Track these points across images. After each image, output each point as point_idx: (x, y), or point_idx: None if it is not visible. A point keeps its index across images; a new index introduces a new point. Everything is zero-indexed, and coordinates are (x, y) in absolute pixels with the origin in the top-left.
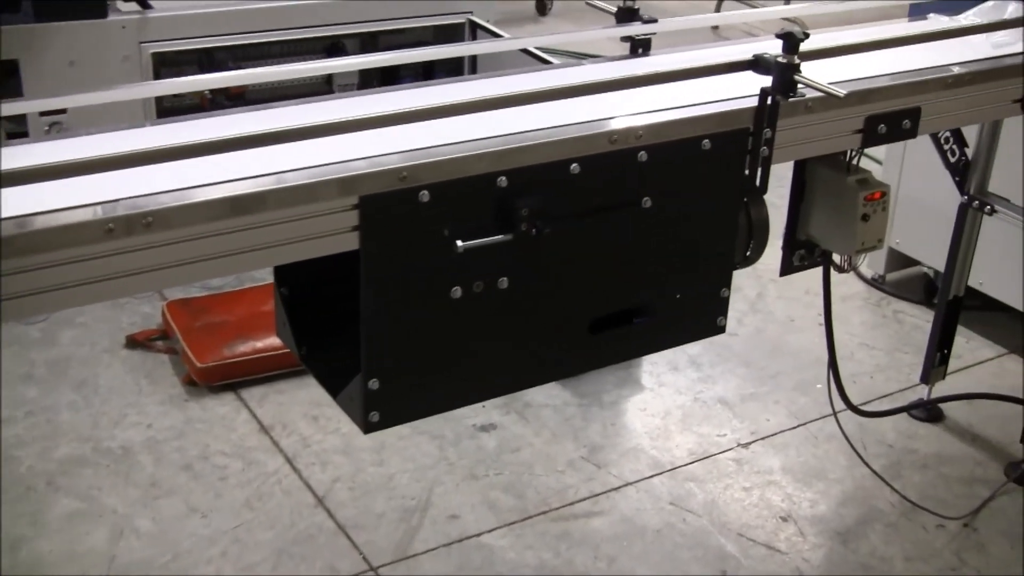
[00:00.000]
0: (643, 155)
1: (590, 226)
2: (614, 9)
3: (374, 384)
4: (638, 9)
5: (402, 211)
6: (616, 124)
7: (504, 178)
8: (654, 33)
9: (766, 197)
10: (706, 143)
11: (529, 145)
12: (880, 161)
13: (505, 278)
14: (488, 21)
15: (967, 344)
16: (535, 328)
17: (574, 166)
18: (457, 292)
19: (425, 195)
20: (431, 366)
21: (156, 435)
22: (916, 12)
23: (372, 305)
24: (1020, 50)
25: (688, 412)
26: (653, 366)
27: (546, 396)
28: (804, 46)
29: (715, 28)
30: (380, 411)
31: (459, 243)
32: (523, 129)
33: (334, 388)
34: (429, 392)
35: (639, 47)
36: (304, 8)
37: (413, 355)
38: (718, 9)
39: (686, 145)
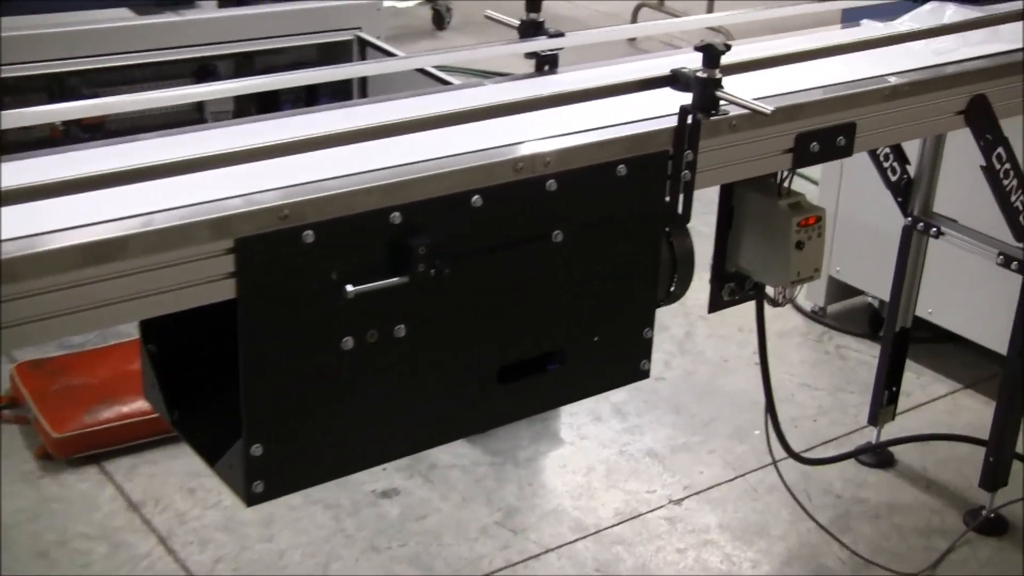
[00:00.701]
0: (552, 184)
1: (495, 264)
2: (516, 23)
3: (257, 450)
4: (543, 22)
5: (284, 254)
6: (521, 150)
7: (398, 214)
8: (561, 48)
9: (691, 226)
10: (621, 168)
11: (425, 176)
12: (816, 182)
13: (402, 325)
14: (379, 38)
15: (917, 380)
16: (438, 380)
17: (476, 198)
18: (348, 343)
19: (309, 235)
20: (322, 427)
21: (5, 519)
22: (849, 18)
23: (252, 361)
24: (962, 57)
25: (613, 467)
26: (573, 417)
27: (453, 456)
28: (727, 58)
29: (631, 40)
30: (265, 480)
31: (349, 288)
32: (418, 158)
33: (212, 456)
34: (321, 456)
35: (545, 64)
36: (170, 27)
37: (301, 415)
38: (635, 19)
39: (599, 171)
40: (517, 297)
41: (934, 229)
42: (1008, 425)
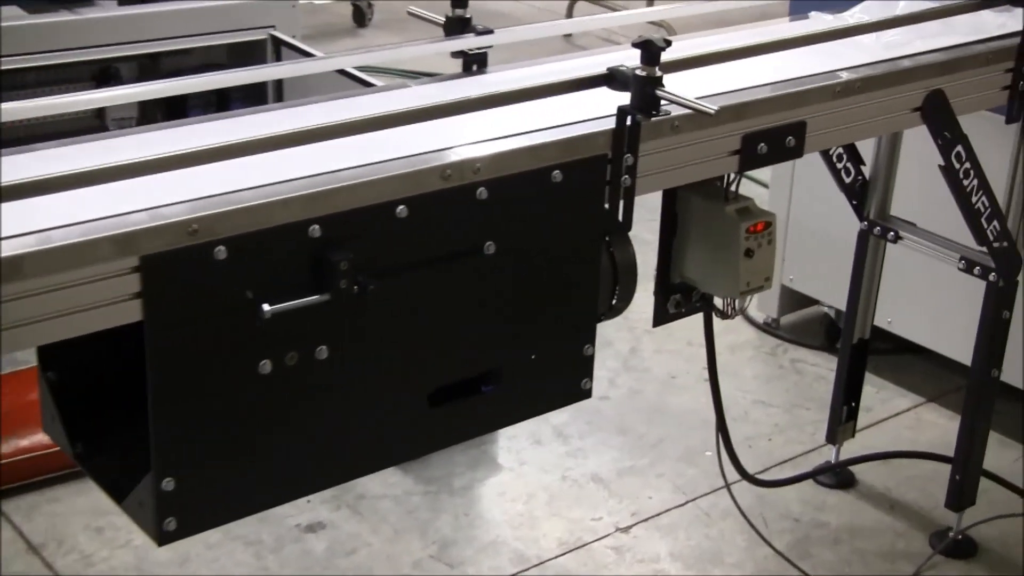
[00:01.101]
0: (483, 192)
1: (424, 279)
2: (442, 19)
3: (168, 484)
4: (470, 19)
5: (194, 272)
6: (449, 157)
7: (317, 227)
8: (490, 46)
9: (633, 234)
10: (557, 174)
11: (346, 186)
12: (766, 184)
13: (324, 347)
14: (294, 36)
15: (878, 395)
16: (364, 405)
17: (401, 209)
18: (266, 367)
19: (221, 251)
20: (239, 458)
21: None
22: (797, 11)
23: (162, 388)
24: (917, 50)
25: (556, 493)
26: (511, 441)
27: (383, 485)
28: (667, 55)
29: (567, 37)
30: (178, 517)
31: (266, 307)
32: (338, 167)
33: (120, 492)
34: (239, 489)
35: (473, 63)
36: (66, 26)
37: (216, 446)
38: (570, 14)
39: (533, 178)
40: (447, 314)
41: (892, 233)
42: (974, 440)
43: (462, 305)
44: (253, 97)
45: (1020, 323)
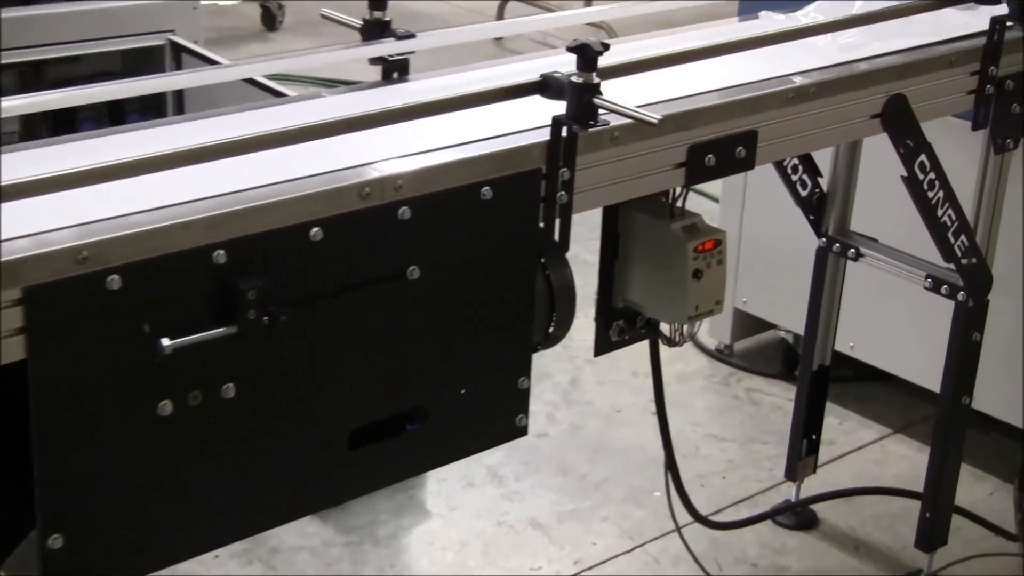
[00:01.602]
0: (405, 211)
1: (341, 308)
2: (359, 23)
3: (56, 541)
4: (389, 21)
5: (84, 304)
6: (368, 173)
7: (222, 252)
8: (412, 52)
9: (571, 255)
10: (486, 191)
11: (254, 207)
12: (716, 199)
13: (231, 384)
14: (196, 42)
15: (840, 426)
16: (277, 448)
17: (315, 231)
18: (166, 408)
19: (115, 281)
20: (137, 509)
21: None
22: (747, 11)
23: (47, 433)
24: (875, 52)
25: (490, 541)
26: (441, 484)
27: (300, 536)
28: (605, 60)
29: (498, 40)
30: None
31: (165, 342)
32: (246, 186)
33: (1, 551)
34: (137, 545)
35: (394, 70)
36: None
37: (110, 498)
38: (501, 16)
39: (460, 195)
40: (368, 347)
41: (852, 251)
42: (945, 475)
43: (384, 336)
44: (151, 109)
45: (994, 346)
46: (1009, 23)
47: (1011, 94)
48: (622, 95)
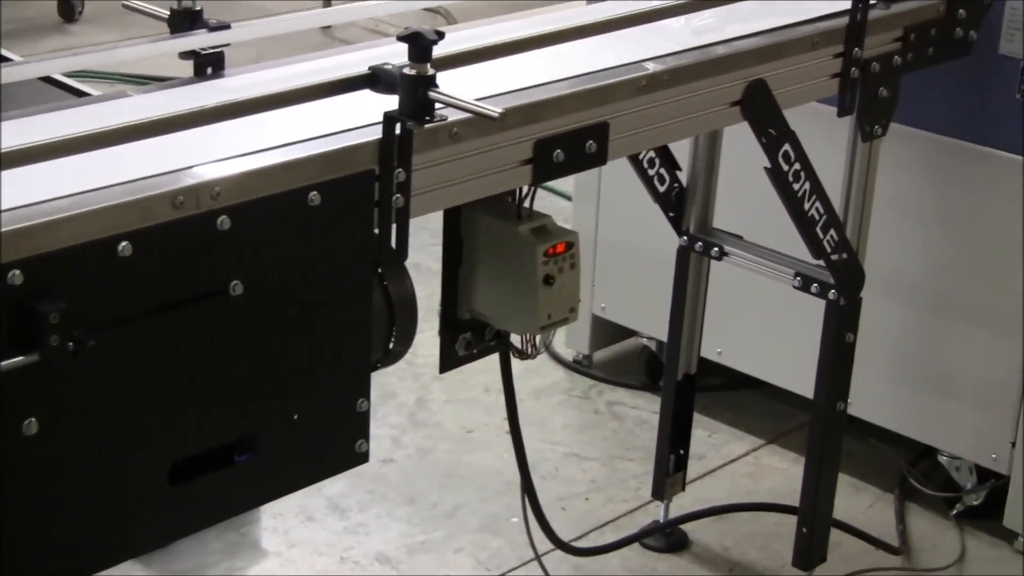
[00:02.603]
0: (224, 221)
1: (156, 330)
2: (166, 13)
3: None
4: (200, 11)
5: None
6: (182, 180)
7: (17, 272)
8: (227, 44)
9: (414, 263)
10: (314, 196)
11: (53, 220)
12: (569, 197)
13: (33, 419)
14: None
15: (710, 439)
16: (89, 487)
17: (124, 246)
18: None
19: None
20: None
21: None
22: None
23: None
24: (732, 35)
25: None
26: (277, 520)
27: None
28: (441, 49)
29: (326, 29)
30: None
31: None
32: (44, 197)
33: None
34: None
35: (208, 65)
36: None
37: None
38: (328, 2)
39: (285, 202)
40: (189, 371)
41: (715, 249)
42: (821, 487)
43: (206, 359)
44: None
45: (869, 347)
46: (872, 1)
47: (878, 77)
48: (462, 87)
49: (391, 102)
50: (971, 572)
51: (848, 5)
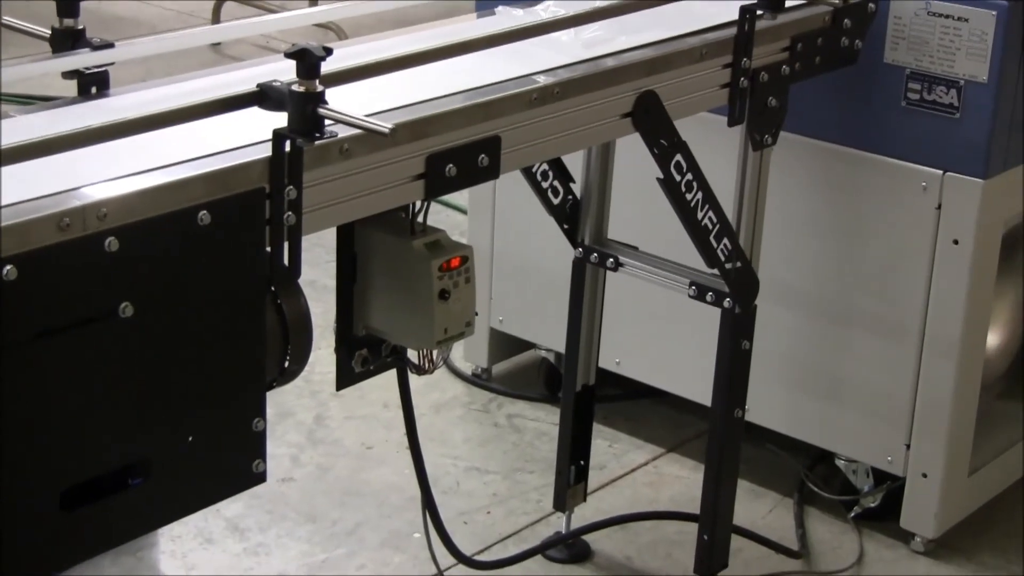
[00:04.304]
0: (112, 243)
1: (45, 354)
2: (47, 32)
3: None
4: (83, 30)
5: None
6: (67, 202)
7: None
8: (111, 63)
9: (308, 280)
10: (204, 216)
11: None
12: (464, 210)
13: None
14: None
15: (610, 449)
16: None
17: (8, 270)
18: None
19: None
20: None
21: None
22: (485, 7)
23: None
24: (622, 47)
25: None
26: (175, 542)
27: None
28: (330, 65)
29: (215, 46)
30: None
31: None
32: None
33: None
34: None
35: (92, 84)
36: None
37: None
38: (217, 19)
39: (174, 222)
40: (78, 395)
41: (611, 260)
42: (721, 494)
43: (96, 382)
44: None
45: (765, 354)
46: (760, 12)
47: (766, 87)
48: (351, 103)
49: (281, 119)
50: (870, 573)
51: (736, 15)
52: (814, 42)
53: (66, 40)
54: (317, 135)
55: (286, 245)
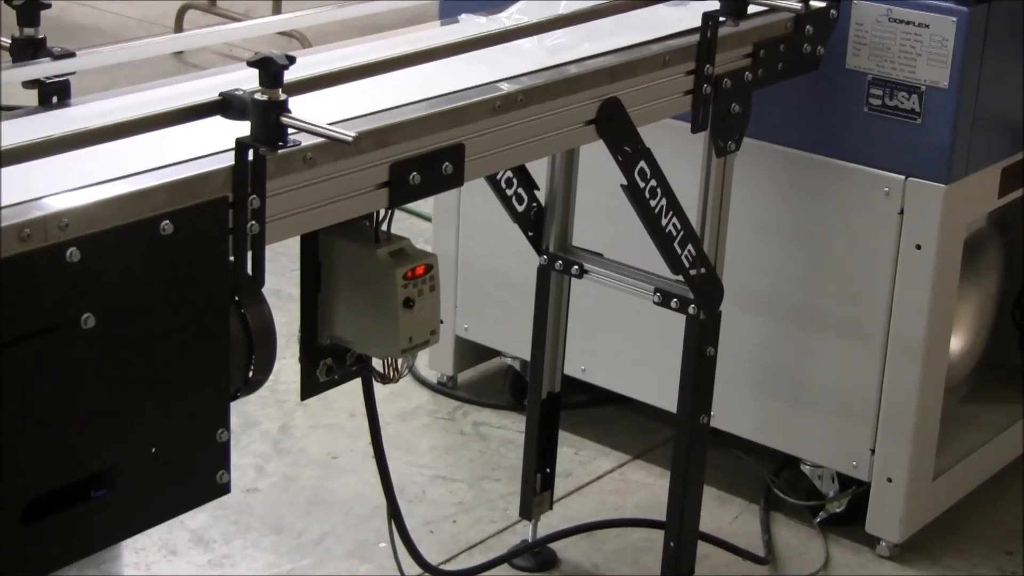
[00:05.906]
0: (74, 253)
1: (6, 364)
2: (7, 41)
3: None
4: (43, 39)
5: None
6: (28, 212)
7: None
8: (72, 73)
9: (272, 289)
10: (166, 225)
11: None
12: (429, 218)
13: None
14: None
15: (577, 456)
16: None
17: None
18: None
19: None
20: None
21: None
22: (448, 13)
23: None
24: (585, 54)
25: None
26: (139, 555)
27: None
28: (293, 73)
29: (178, 55)
30: None
31: None
32: None
33: None
34: None
35: (53, 94)
36: None
37: None
38: (180, 27)
39: (136, 232)
40: (40, 406)
41: (575, 267)
42: (687, 500)
43: (58, 393)
44: None
45: (730, 360)
46: (722, 19)
47: (729, 93)
48: (314, 112)
49: (244, 128)
50: None
51: (699, 22)
52: (776, 48)
53: (27, 49)
54: (280, 144)
55: (249, 254)
